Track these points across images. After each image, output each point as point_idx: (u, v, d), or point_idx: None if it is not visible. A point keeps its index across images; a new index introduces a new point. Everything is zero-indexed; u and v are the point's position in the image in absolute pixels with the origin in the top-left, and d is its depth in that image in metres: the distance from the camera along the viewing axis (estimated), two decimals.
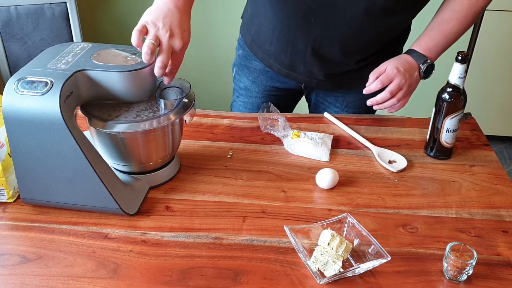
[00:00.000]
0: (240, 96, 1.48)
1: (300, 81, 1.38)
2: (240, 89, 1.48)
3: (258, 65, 1.40)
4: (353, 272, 0.87)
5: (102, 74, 0.95)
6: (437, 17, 1.21)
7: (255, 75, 1.42)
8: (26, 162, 0.95)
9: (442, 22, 1.19)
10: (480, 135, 1.29)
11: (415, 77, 1.19)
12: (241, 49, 1.45)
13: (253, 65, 1.41)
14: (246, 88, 1.46)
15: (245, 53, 1.43)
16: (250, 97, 1.46)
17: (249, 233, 0.97)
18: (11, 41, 1.97)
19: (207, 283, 0.86)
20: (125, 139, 1.01)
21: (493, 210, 1.04)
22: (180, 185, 1.10)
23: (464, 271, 0.86)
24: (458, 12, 1.18)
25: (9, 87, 0.90)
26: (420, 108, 1.74)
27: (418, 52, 1.19)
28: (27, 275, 0.88)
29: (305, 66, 1.31)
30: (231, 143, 1.24)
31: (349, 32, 1.20)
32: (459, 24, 1.18)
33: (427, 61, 1.19)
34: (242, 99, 1.48)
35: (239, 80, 1.47)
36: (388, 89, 1.18)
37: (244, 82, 1.45)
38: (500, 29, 2.45)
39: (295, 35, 1.25)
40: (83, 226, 0.98)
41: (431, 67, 1.20)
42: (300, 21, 1.22)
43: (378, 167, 1.16)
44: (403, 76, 1.17)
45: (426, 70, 1.19)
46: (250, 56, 1.41)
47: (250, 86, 1.45)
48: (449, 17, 1.18)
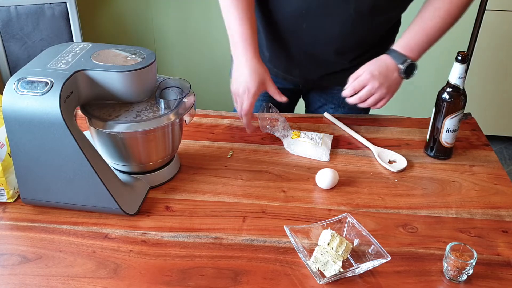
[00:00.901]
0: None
1: (297, 83, 1.40)
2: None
3: None
4: (353, 272, 0.87)
5: (102, 74, 0.95)
6: (420, 14, 1.19)
7: None
8: (26, 162, 0.95)
9: (424, 19, 1.18)
10: (480, 135, 1.29)
11: (394, 79, 1.18)
12: None
13: None
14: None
15: None
16: None
17: (249, 233, 0.97)
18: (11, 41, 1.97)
19: (207, 283, 0.86)
20: (125, 139, 1.01)
21: (493, 210, 1.04)
22: (180, 185, 1.10)
23: (464, 271, 0.86)
24: (440, 9, 1.16)
25: (9, 87, 0.90)
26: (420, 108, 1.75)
27: (398, 52, 1.18)
28: (27, 275, 0.88)
29: (300, 69, 1.33)
30: (231, 143, 1.24)
31: (340, 34, 1.21)
32: (441, 21, 1.17)
33: (407, 61, 1.17)
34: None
35: None
36: (358, 95, 1.18)
37: None
38: (500, 29, 2.45)
39: (288, 41, 1.28)
40: (83, 226, 0.98)
41: (412, 66, 1.18)
42: (292, 28, 1.24)
43: (378, 167, 1.17)
44: (377, 80, 1.16)
45: (407, 69, 1.17)
46: None
47: None
48: (431, 14, 1.17)
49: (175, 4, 2.59)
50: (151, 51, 1.02)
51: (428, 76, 2.57)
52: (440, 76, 1.30)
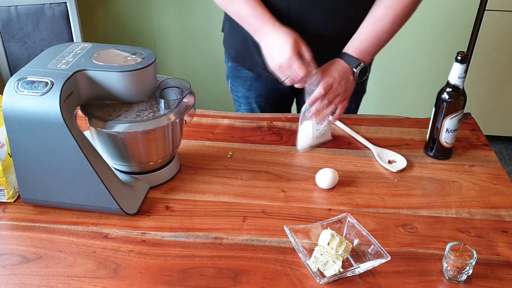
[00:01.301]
0: (242, 105, 1.50)
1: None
2: (239, 98, 1.50)
3: (249, 73, 1.41)
4: (353, 272, 0.87)
5: (102, 74, 0.95)
6: (371, 14, 1.18)
7: (249, 83, 1.44)
8: (26, 162, 0.95)
9: (374, 20, 1.17)
10: (480, 135, 1.29)
11: (351, 82, 1.18)
12: (229, 61, 1.47)
13: (245, 74, 1.43)
14: (245, 96, 1.47)
15: (234, 65, 1.45)
16: (250, 104, 1.48)
17: (249, 233, 0.97)
18: (11, 41, 1.97)
19: (207, 283, 0.86)
20: (125, 139, 1.01)
21: (493, 210, 1.04)
22: (180, 185, 1.10)
23: (464, 271, 0.86)
24: (389, 9, 1.15)
25: (9, 87, 0.90)
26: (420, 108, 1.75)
27: (351, 56, 1.17)
28: (27, 275, 0.88)
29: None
30: (231, 143, 1.24)
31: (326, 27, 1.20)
32: (390, 22, 1.16)
33: (361, 65, 1.16)
34: (244, 107, 1.50)
35: (236, 90, 1.49)
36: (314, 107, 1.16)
37: (241, 91, 1.47)
38: (500, 29, 2.45)
39: None
40: (83, 226, 0.98)
41: (365, 70, 1.18)
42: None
43: (378, 167, 1.17)
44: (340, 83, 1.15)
45: (360, 73, 1.17)
46: (239, 67, 1.43)
47: (248, 94, 1.46)
48: (381, 14, 1.16)
49: (175, 4, 2.59)
50: (151, 51, 1.02)
51: (428, 76, 2.58)
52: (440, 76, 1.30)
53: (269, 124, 1.31)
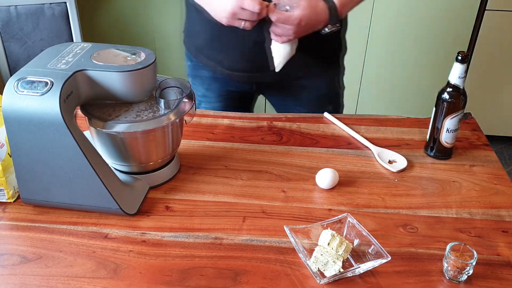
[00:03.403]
0: (202, 103, 1.51)
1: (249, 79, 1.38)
2: (199, 97, 1.50)
3: (207, 73, 1.42)
4: (353, 272, 0.87)
5: (102, 74, 0.95)
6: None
7: (207, 83, 1.45)
8: (26, 162, 0.95)
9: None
10: (480, 135, 1.29)
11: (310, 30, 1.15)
12: (189, 60, 1.49)
13: (203, 73, 1.44)
14: (204, 95, 1.48)
15: (193, 64, 1.46)
16: (210, 103, 1.49)
17: (249, 233, 0.97)
18: (11, 41, 1.97)
19: (207, 283, 0.86)
20: (125, 139, 1.01)
21: (493, 210, 1.04)
22: (180, 185, 1.10)
23: (464, 271, 0.86)
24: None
25: (9, 87, 0.90)
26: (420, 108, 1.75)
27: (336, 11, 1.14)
28: (27, 275, 0.88)
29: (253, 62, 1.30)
30: (231, 143, 1.24)
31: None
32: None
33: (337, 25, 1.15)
34: (204, 105, 1.50)
35: (196, 89, 1.49)
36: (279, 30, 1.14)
37: (201, 91, 1.48)
38: (500, 29, 2.45)
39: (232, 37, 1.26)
40: (83, 226, 0.98)
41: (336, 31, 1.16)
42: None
43: (378, 167, 1.17)
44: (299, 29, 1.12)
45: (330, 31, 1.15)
46: (198, 65, 1.44)
47: (206, 93, 1.47)
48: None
49: (175, 4, 2.59)
50: (151, 51, 1.02)
51: (428, 76, 2.58)
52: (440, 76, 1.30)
53: (269, 124, 1.31)
